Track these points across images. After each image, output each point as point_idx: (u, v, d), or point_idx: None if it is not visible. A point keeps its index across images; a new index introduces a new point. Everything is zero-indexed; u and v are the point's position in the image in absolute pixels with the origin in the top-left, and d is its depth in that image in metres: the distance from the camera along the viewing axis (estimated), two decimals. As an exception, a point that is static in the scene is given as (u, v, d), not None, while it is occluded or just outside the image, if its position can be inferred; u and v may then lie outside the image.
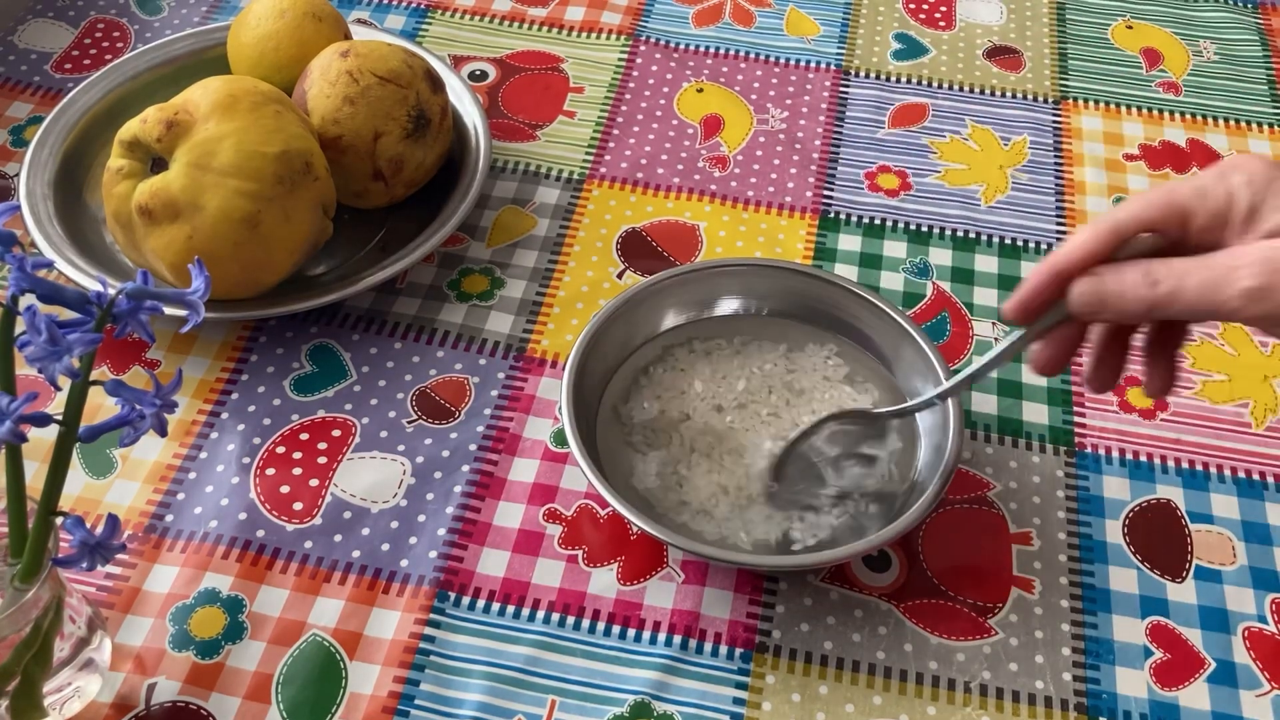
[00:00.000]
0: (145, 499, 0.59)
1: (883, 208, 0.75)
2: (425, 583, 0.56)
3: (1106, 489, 0.62)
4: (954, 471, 0.56)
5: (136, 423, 0.44)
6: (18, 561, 0.45)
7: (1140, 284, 0.43)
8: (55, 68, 0.82)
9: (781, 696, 0.53)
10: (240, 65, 0.73)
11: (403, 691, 0.53)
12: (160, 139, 0.59)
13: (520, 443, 0.62)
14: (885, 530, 0.53)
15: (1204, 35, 0.89)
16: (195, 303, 0.45)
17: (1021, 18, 0.90)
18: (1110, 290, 0.44)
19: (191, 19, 0.86)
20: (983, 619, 0.56)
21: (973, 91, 0.83)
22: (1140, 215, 0.45)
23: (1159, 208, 0.45)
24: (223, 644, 0.54)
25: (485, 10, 0.88)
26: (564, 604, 0.56)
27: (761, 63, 0.85)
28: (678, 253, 0.72)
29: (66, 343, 0.41)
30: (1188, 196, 0.44)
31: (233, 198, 0.59)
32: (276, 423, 0.62)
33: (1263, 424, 0.65)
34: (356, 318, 0.68)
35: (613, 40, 0.86)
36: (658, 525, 0.53)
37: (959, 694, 0.54)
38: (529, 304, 0.69)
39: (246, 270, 0.62)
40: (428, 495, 0.60)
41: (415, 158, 0.69)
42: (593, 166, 0.77)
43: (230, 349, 0.66)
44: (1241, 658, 0.55)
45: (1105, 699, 0.54)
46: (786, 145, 0.79)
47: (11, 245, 0.43)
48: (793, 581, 0.57)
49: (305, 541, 0.58)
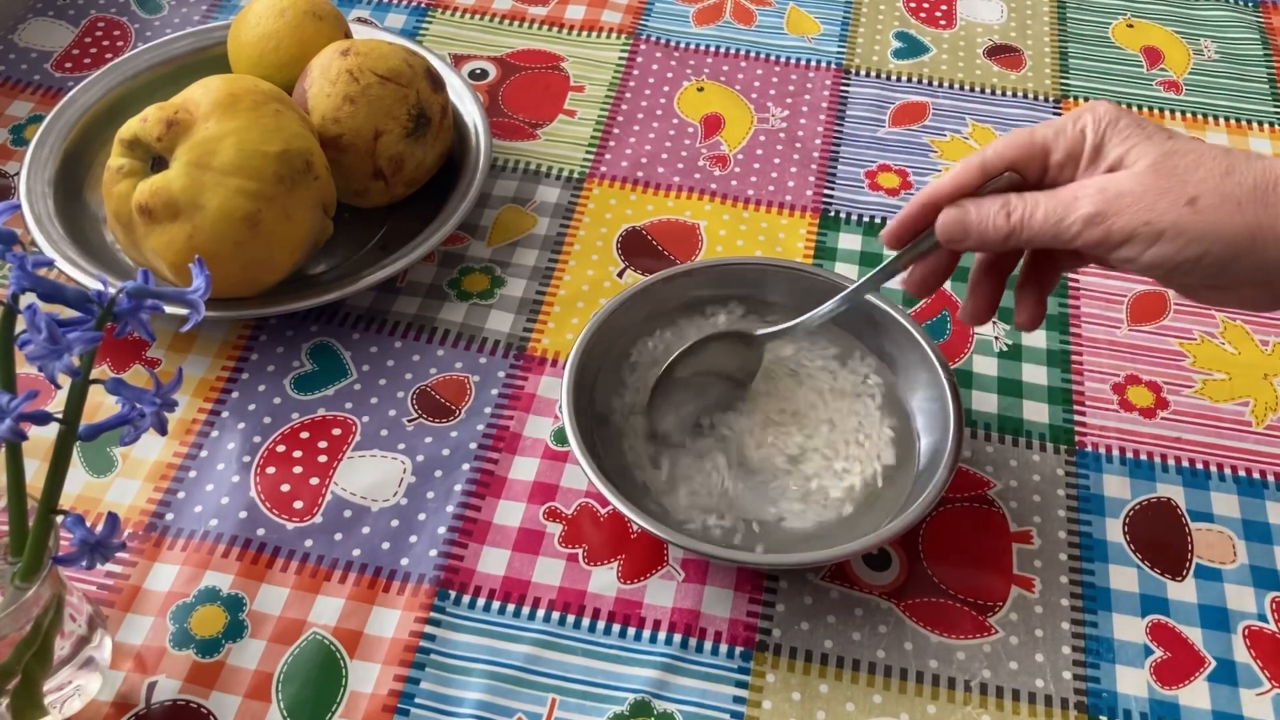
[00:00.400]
0: (145, 497, 0.59)
1: (883, 207, 0.75)
2: (425, 581, 0.56)
3: (1107, 488, 0.62)
4: (954, 470, 0.56)
5: (137, 421, 0.44)
6: (18, 560, 0.45)
7: (998, 213, 0.49)
8: (55, 66, 0.82)
9: (782, 695, 0.53)
10: (240, 64, 0.73)
11: (403, 690, 0.53)
12: (160, 138, 0.59)
13: (520, 441, 0.62)
14: (885, 529, 0.54)
15: (1205, 34, 0.89)
16: (196, 301, 0.45)
17: (1022, 16, 0.90)
18: (971, 218, 0.49)
19: (192, 18, 0.86)
20: (983, 618, 0.56)
21: (973, 90, 0.83)
22: (1004, 153, 0.50)
23: (1021, 146, 0.50)
24: (223, 642, 0.54)
25: (485, 9, 0.88)
26: (564, 602, 0.56)
27: (762, 61, 0.85)
28: (678, 252, 0.72)
29: (67, 341, 0.41)
30: (1046, 136, 0.49)
31: (233, 197, 0.59)
32: (277, 421, 0.62)
33: (1263, 422, 0.65)
34: (357, 317, 0.68)
35: (613, 39, 0.86)
36: (658, 524, 0.53)
37: (959, 693, 0.54)
38: (529, 303, 0.69)
39: (247, 269, 0.62)
40: (428, 494, 0.60)
41: (415, 157, 0.69)
42: (593, 165, 0.77)
43: (230, 348, 0.66)
44: (1242, 656, 0.55)
45: (1105, 698, 0.54)
46: (787, 144, 0.79)
47: (12, 244, 0.43)
48: (793, 580, 0.57)
49: (305, 540, 0.58)
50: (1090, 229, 0.46)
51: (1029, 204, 0.48)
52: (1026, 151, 0.50)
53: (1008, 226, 0.48)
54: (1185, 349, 0.68)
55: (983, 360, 0.67)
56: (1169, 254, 0.46)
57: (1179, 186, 0.46)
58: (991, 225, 0.49)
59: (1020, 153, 0.50)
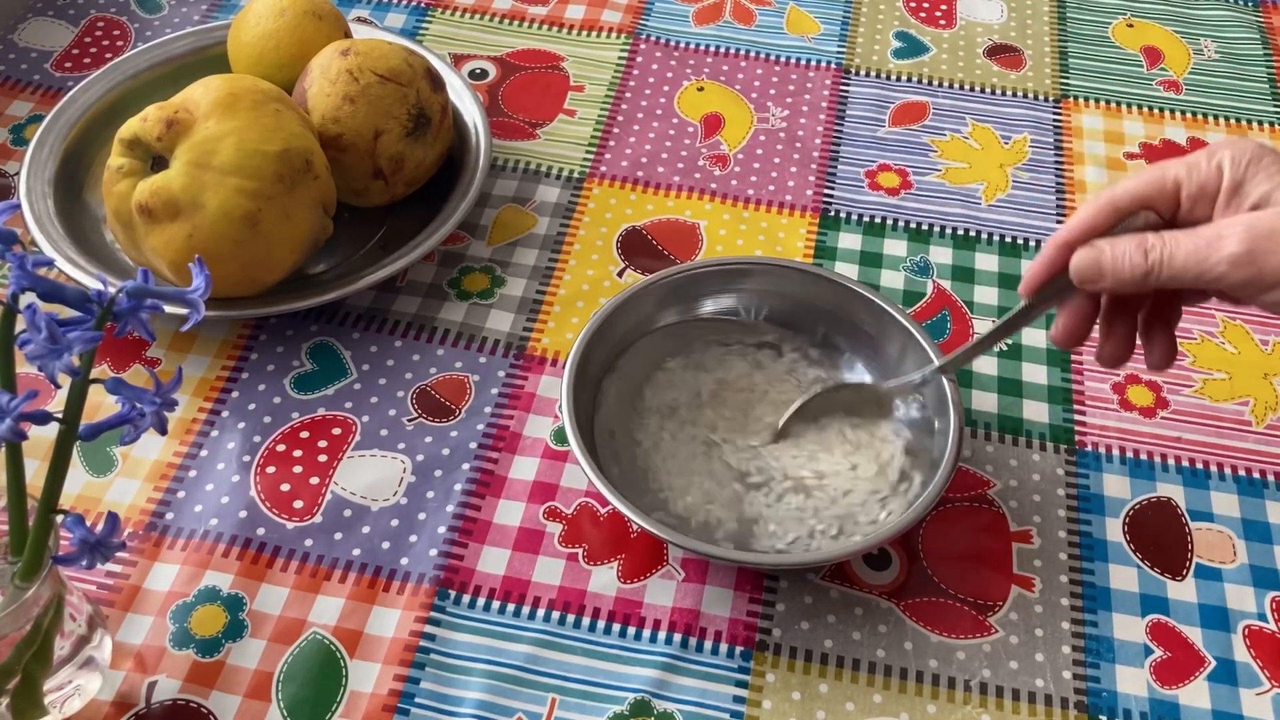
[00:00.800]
0: (145, 497, 0.59)
1: (883, 206, 0.75)
2: (425, 581, 0.56)
3: (1107, 487, 0.62)
4: (954, 470, 0.56)
5: (137, 421, 0.44)
6: (18, 559, 0.45)
7: (1134, 251, 0.47)
8: (55, 66, 0.82)
9: (782, 695, 0.53)
10: (240, 64, 0.73)
11: (403, 690, 0.53)
12: (160, 137, 0.59)
13: (520, 441, 0.62)
14: (885, 528, 0.54)
15: (1205, 34, 0.89)
16: (196, 301, 0.45)
17: (1022, 16, 0.90)
18: (1106, 258, 0.47)
19: (192, 17, 0.86)
20: (983, 617, 0.56)
21: (973, 90, 0.83)
22: (1134, 190, 0.48)
23: (1152, 183, 0.48)
24: (223, 642, 0.54)
25: (485, 9, 0.88)
26: (564, 602, 0.56)
27: (762, 61, 0.85)
28: (678, 251, 0.72)
29: (66, 341, 0.41)
30: (1179, 172, 0.48)
31: (233, 196, 0.59)
32: (277, 421, 0.62)
33: (1263, 422, 0.65)
34: (357, 316, 0.68)
35: (613, 39, 0.86)
36: (658, 523, 0.53)
37: (959, 692, 0.54)
38: (529, 302, 0.69)
39: (247, 269, 0.62)
40: (428, 493, 0.60)
41: (415, 156, 0.69)
42: (593, 165, 0.77)
43: (230, 347, 0.66)
44: (1242, 656, 0.55)
45: (1105, 697, 0.54)
46: (787, 144, 0.79)
47: (12, 243, 0.43)
48: (793, 580, 0.57)
49: (305, 540, 0.58)
50: (1238, 270, 0.44)
51: (1169, 243, 0.46)
52: (1158, 187, 0.48)
53: (1146, 266, 0.46)
54: (1185, 348, 0.68)
55: (982, 360, 0.67)
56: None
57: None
58: (1129, 265, 0.47)
59: (1151, 189, 0.48)
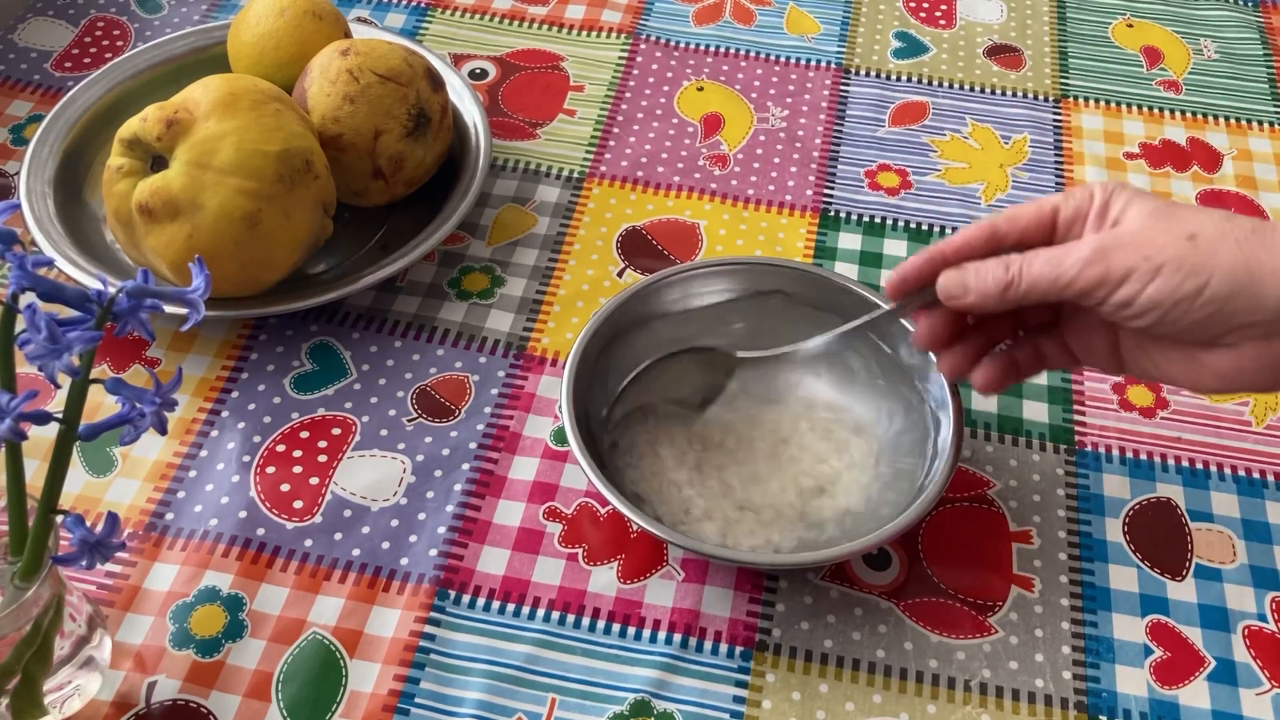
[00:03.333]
0: (145, 497, 0.59)
1: (883, 206, 0.75)
2: (425, 581, 0.56)
3: (1107, 487, 0.62)
4: (954, 470, 0.56)
5: (137, 421, 0.44)
6: (18, 559, 0.45)
7: (996, 267, 0.49)
8: (55, 66, 0.82)
9: (782, 695, 0.53)
10: (240, 64, 0.73)
11: (403, 690, 0.53)
12: (160, 137, 0.59)
13: (520, 441, 0.62)
14: (885, 528, 0.53)
15: (1204, 34, 0.89)
16: (195, 301, 0.46)
17: (1022, 16, 0.90)
18: (970, 275, 0.50)
19: (191, 17, 0.86)
20: (983, 617, 0.56)
21: (973, 90, 0.83)
22: (1015, 215, 0.51)
23: (1032, 209, 0.51)
24: (223, 642, 0.54)
25: (485, 8, 0.88)
26: (564, 602, 0.56)
27: (762, 61, 0.85)
28: (678, 251, 0.72)
29: (66, 341, 0.41)
30: (1057, 200, 0.50)
31: (233, 196, 0.59)
32: (277, 421, 0.62)
33: (1263, 422, 0.65)
34: (357, 316, 0.68)
35: (613, 39, 0.86)
36: (658, 524, 0.53)
37: (959, 692, 0.54)
38: (529, 302, 0.69)
39: (246, 269, 0.62)
40: (428, 493, 0.60)
41: (415, 156, 0.69)
42: (593, 165, 0.77)
43: (230, 347, 0.66)
44: (1241, 656, 0.55)
45: (1105, 697, 0.54)
46: (787, 144, 0.79)
47: (12, 243, 0.43)
48: (793, 580, 0.57)
49: (305, 540, 0.58)
50: (1089, 269, 0.47)
51: (1028, 257, 0.49)
52: (1036, 215, 0.51)
53: (1006, 278, 0.49)
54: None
55: (983, 360, 0.67)
56: (1169, 288, 0.46)
57: (1178, 225, 0.46)
58: (991, 279, 0.49)
59: (1030, 213, 0.51)
